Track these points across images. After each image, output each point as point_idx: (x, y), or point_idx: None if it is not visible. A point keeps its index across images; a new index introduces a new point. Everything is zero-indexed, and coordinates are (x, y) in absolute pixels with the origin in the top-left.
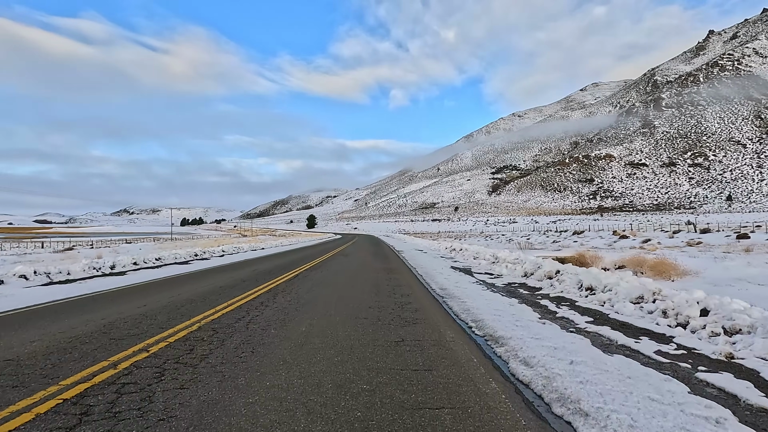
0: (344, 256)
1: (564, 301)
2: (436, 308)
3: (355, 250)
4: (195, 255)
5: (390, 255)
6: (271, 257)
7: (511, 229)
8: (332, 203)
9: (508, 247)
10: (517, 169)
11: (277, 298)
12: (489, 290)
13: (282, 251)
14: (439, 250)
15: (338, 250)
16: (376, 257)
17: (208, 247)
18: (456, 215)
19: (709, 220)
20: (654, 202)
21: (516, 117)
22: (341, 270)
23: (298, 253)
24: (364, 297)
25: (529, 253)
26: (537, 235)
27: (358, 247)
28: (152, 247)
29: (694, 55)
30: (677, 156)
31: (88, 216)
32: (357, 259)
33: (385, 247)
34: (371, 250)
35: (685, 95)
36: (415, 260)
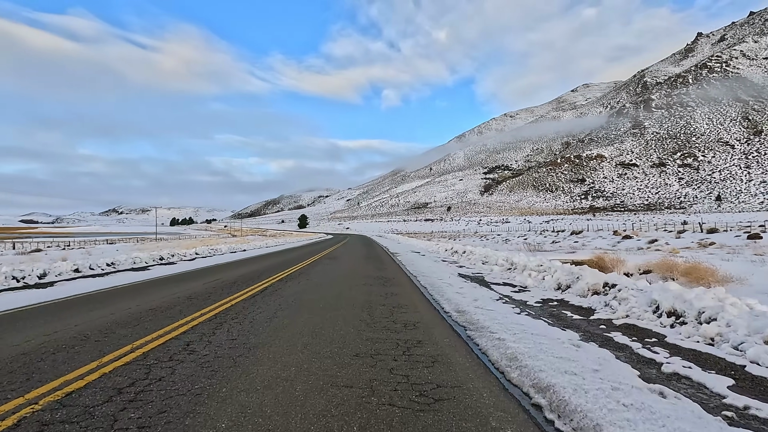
0: (332, 259)
1: (643, 334)
2: (464, 354)
3: (345, 253)
4: (160, 258)
5: (384, 258)
6: (247, 261)
7: (506, 228)
8: (324, 203)
9: (507, 247)
10: (509, 169)
11: (216, 334)
12: (525, 314)
13: (264, 253)
14: (439, 253)
15: (326, 252)
16: (369, 261)
17: (188, 248)
18: (448, 215)
19: (701, 220)
20: (645, 202)
21: (508, 117)
22: (325, 280)
23: (280, 256)
24: (350, 331)
25: (539, 256)
26: (533, 235)
27: (349, 249)
28: (131, 248)
29: (683, 57)
30: (667, 156)
31: (75, 216)
32: (346, 264)
33: (378, 249)
34: (363, 252)
35: (674, 96)
36: (414, 265)
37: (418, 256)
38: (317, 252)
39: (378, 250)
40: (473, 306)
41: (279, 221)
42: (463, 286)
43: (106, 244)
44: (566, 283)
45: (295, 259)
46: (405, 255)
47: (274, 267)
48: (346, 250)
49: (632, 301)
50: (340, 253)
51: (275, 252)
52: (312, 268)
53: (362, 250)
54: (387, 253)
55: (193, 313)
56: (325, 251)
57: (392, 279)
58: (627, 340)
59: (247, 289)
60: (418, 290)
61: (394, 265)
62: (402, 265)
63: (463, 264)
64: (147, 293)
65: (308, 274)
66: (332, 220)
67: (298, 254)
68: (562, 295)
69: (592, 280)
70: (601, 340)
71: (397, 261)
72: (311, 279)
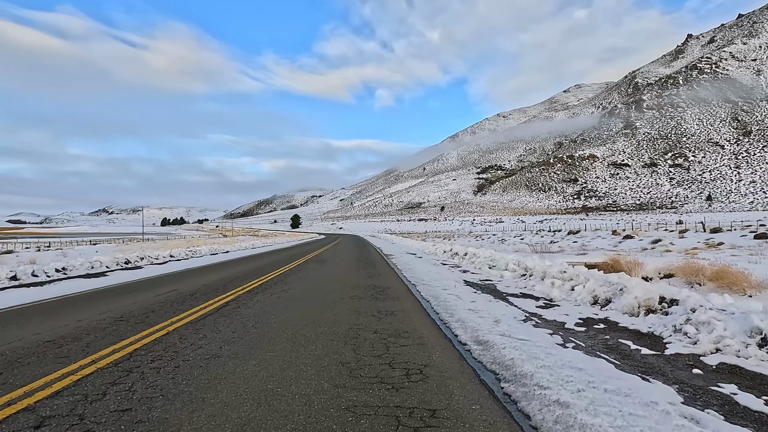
0: (319, 263)
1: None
2: None
3: (335, 254)
4: (126, 262)
5: (378, 262)
6: (223, 265)
7: (501, 228)
8: (318, 203)
9: (505, 248)
10: (502, 169)
11: (104, 398)
12: (571, 345)
13: (246, 255)
14: (437, 254)
15: (314, 255)
16: (360, 265)
17: (168, 249)
18: (442, 215)
19: (697, 219)
20: (637, 202)
21: (501, 117)
22: (304, 292)
23: (262, 259)
24: (321, 388)
25: (548, 259)
26: (529, 235)
27: (340, 250)
28: (113, 249)
29: (674, 58)
30: (658, 156)
31: (65, 216)
32: (334, 269)
33: (371, 251)
34: (355, 254)
35: (665, 97)
36: (413, 270)
37: (415, 258)
38: (305, 254)
39: (371, 251)
40: (497, 332)
41: (272, 221)
42: (475, 299)
43: (89, 245)
44: (605, 296)
45: (277, 263)
46: (400, 257)
47: (250, 272)
48: (336, 251)
49: (718, 327)
50: (329, 255)
51: (259, 254)
52: (294, 274)
53: (354, 251)
54: (380, 255)
55: (95, 353)
56: (313, 253)
57: (387, 289)
58: (761, 405)
59: (202, 305)
60: (419, 305)
61: (388, 270)
62: (398, 270)
63: (467, 268)
64: (59, 315)
65: (287, 282)
66: (325, 220)
67: (283, 256)
68: (604, 312)
69: (643, 294)
70: (719, 404)
71: (392, 264)
72: (288, 290)
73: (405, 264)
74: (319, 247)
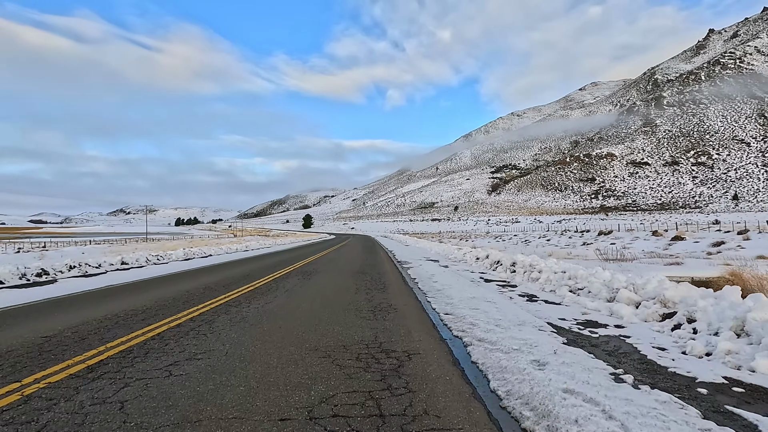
0: (308, 276)
1: None
2: None
3: (337, 260)
4: (71, 267)
5: (388, 274)
6: (205, 271)
7: (519, 228)
8: (330, 203)
9: (533, 250)
10: (516, 168)
11: None
12: None
13: (243, 258)
14: (467, 262)
15: (308, 261)
16: (362, 282)
17: (160, 251)
18: (456, 215)
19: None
20: (658, 202)
21: (515, 116)
22: (245, 350)
23: (254, 263)
24: None
25: (631, 271)
26: (555, 235)
27: (345, 254)
28: (100, 251)
29: (695, 54)
30: (680, 155)
31: (84, 216)
32: (322, 286)
33: (381, 255)
34: (361, 260)
35: (686, 94)
36: (446, 295)
37: (439, 268)
38: (301, 258)
39: (380, 257)
40: None
41: (284, 221)
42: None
43: (80, 246)
44: None
45: (262, 270)
46: (419, 266)
47: (217, 285)
48: (340, 255)
49: None
50: (327, 261)
51: (255, 257)
52: (266, 293)
53: (361, 256)
54: (393, 262)
55: None
56: (308, 258)
57: (406, 360)
58: None
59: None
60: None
61: (404, 294)
62: (420, 293)
63: (530, 290)
64: None
65: (245, 310)
66: (337, 220)
67: (277, 260)
68: None
69: None
70: None
71: (410, 280)
72: (225, 337)
73: (428, 279)
74: (323, 249)
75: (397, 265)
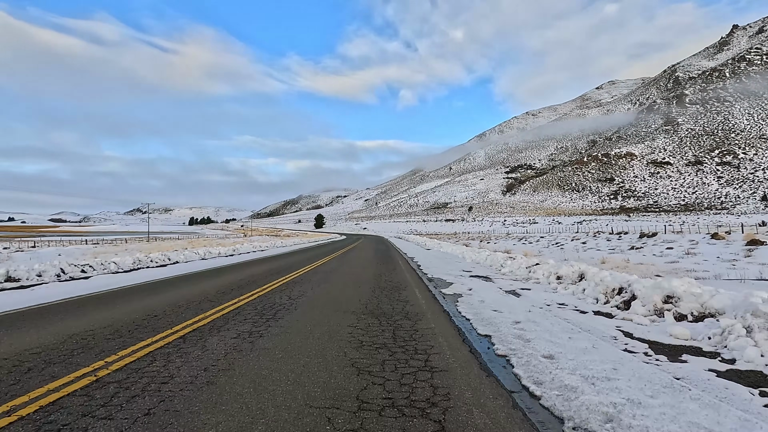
0: (291, 303)
1: None
2: None
3: (341, 269)
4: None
5: (425, 313)
6: (173, 284)
7: (541, 229)
8: (342, 203)
9: (582, 255)
10: (532, 168)
11: None
12: None
13: (232, 263)
14: (531, 279)
15: (302, 273)
16: (379, 338)
17: (150, 252)
18: (470, 215)
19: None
20: (681, 202)
21: (530, 116)
22: None
23: (241, 271)
24: None
25: None
26: (587, 237)
27: (352, 260)
28: (83, 252)
29: (717, 51)
30: (704, 154)
31: (102, 215)
32: (310, 332)
33: (400, 266)
34: (371, 275)
35: (710, 91)
36: (612, 413)
37: (503, 295)
38: (287, 271)
39: (399, 268)
40: None
41: (296, 221)
42: None
43: (84, 245)
44: None
45: (237, 286)
46: (466, 290)
47: (166, 311)
48: (340, 264)
49: None
50: (325, 271)
51: (249, 261)
52: (197, 339)
53: (370, 268)
54: (419, 278)
55: None
56: (303, 268)
57: None
58: None
59: None
60: None
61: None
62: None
63: (636, 322)
64: None
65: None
66: (350, 220)
67: (254, 273)
68: None
69: None
70: None
71: (478, 342)
72: None
73: (516, 337)
74: (330, 253)
75: (430, 286)
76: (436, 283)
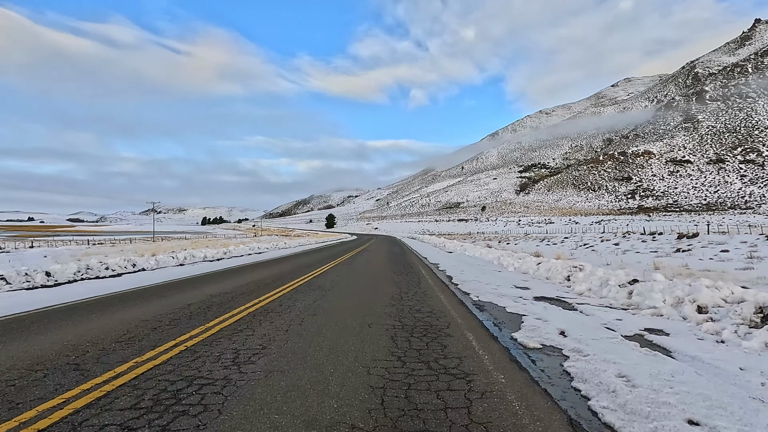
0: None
1: None
2: None
3: (342, 285)
4: None
5: (483, 366)
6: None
7: (558, 229)
8: (353, 203)
9: (624, 262)
10: (546, 167)
11: None
12: None
13: (204, 273)
14: (633, 306)
15: (305, 280)
16: None
17: (143, 254)
18: (484, 215)
19: None
20: (703, 202)
21: (543, 114)
22: None
23: (203, 288)
24: None
25: None
26: (617, 238)
27: (361, 269)
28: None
29: (739, 46)
30: (726, 152)
31: (118, 215)
32: None
33: (420, 271)
34: (388, 289)
35: (731, 87)
36: None
37: (649, 360)
38: (277, 285)
39: (420, 274)
40: None
41: (307, 221)
42: None
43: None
44: None
45: (143, 335)
46: (566, 342)
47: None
48: (344, 275)
49: None
50: (322, 288)
51: (232, 269)
52: None
53: (385, 281)
54: (453, 294)
55: None
56: (300, 279)
57: None
58: None
59: None
60: None
61: None
62: None
63: None
64: None
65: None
66: (361, 220)
67: (244, 283)
68: None
69: None
70: None
71: None
72: None
73: None
74: (327, 260)
75: (487, 324)
76: (491, 313)
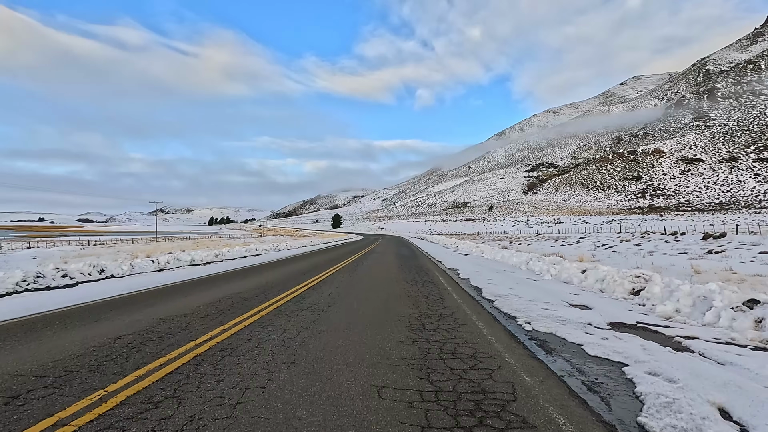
0: None
1: None
2: None
3: (342, 304)
4: None
5: None
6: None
7: (568, 229)
8: (360, 203)
9: (659, 265)
10: (554, 166)
11: None
12: None
13: (177, 283)
14: None
15: (299, 293)
16: None
17: (138, 255)
18: (491, 215)
19: None
20: (715, 201)
21: (551, 113)
22: None
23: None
24: None
25: None
26: (638, 239)
27: (366, 277)
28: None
29: (751, 42)
30: (739, 150)
31: (127, 215)
32: None
33: (438, 279)
34: (401, 310)
35: (744, 84)
36: None
37: None
38: (260, 301)
39: (440, 284)
40: None
41: (314, 221)
42: None
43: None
44: None
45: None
46: None
47: None
48: (346, 287)
49: None
50: (314, 308)
51: (216, 276)
52: None
53: (398, 296)
54: (494, 320)
55: None
56: (291, 292)
57: None
58: None
59: None
60: None
61: None
62: None
63: None
64: None
65: None
66: (367, 219)
67: (216, 298)
68: None
69: None
70: None
71: None
72: None
73: None
74: (328, 265)
75: (592, 404)
76: (567, 359)
